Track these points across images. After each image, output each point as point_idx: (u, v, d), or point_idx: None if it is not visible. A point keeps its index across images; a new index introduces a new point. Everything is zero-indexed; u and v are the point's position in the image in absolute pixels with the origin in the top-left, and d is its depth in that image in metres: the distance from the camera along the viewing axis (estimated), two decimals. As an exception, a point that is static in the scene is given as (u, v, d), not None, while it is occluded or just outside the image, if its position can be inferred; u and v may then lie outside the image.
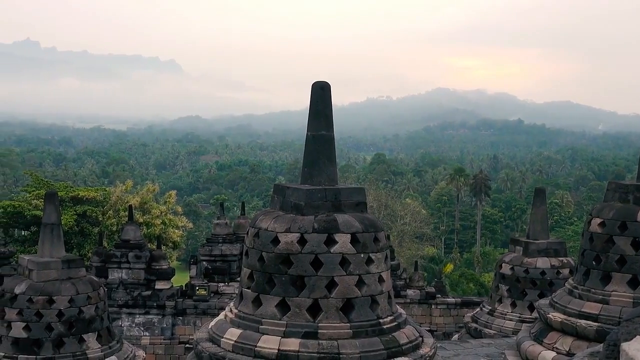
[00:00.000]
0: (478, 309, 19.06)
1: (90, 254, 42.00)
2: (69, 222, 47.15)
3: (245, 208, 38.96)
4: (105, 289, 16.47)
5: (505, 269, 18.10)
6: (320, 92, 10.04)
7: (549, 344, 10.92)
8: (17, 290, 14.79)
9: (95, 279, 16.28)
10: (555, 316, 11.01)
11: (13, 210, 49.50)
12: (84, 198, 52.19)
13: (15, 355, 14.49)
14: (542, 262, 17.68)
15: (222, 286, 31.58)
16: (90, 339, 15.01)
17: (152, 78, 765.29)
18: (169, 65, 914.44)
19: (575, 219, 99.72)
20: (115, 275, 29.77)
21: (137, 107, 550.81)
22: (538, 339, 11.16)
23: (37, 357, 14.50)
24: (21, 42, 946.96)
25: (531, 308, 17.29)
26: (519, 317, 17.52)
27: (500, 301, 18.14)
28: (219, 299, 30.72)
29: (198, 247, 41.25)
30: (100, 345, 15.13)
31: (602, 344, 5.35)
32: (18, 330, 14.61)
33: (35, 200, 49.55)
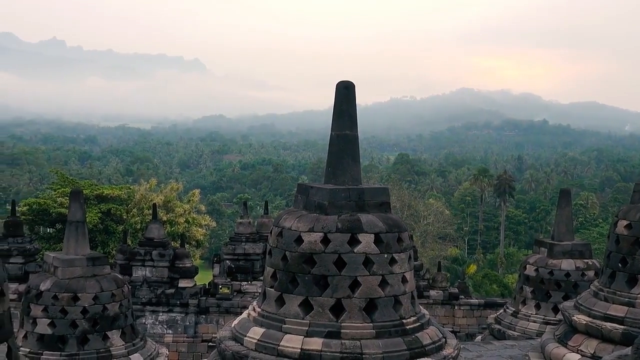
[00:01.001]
0: (501, 311, 18.94)
1: (114, 252, 42.33)
2: (93, 219, 47.53)
3: (269, 207, 38.98)
4: (129, 287, 16.56)
5: (530, 271, 17.97)
6: (345, 92, 10.02)
7: (573, 346, 10.83)
8: (42, 287, 14.91)
9: (120, 276, 16.36)
10: (580, 318, 10.92)
11: (39, 208, 49.98)
12: (109, 196, 52.58)
13: (40, 351, 14.60)
14: (567, 264, 17.54)
15: (245, 285, 31.65)
16: (114, 336, 15.09)
17: (176, 77, 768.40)
18: (193, 65, 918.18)
19: (601, 220, 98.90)
20: (139, 273, 29.94)
21: (161, 106, 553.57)
22: (562, 341, 11.08)
23: (62, 353, 14.59)
24: (47, 41, 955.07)
25: (555, 310, 17.15)
26: (543, 319, 17.38)
27: (524, 303, 18.01)
28: (241, 297, 30.80)
29: (221, 246, 41.41)
30: (124, 343, 15.21)
31: (629, 348, 5.29)
32: (43, 326, 14.72)
33: (60, 198, 49.99)
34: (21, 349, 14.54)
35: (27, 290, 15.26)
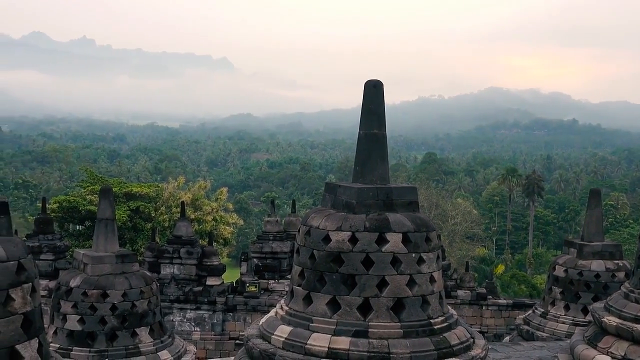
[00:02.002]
0: (530, 311, 18.80)
1: (142, 249, 42.60)
2: (122, 217, 47.83)
3: (296, 206, 39.01)
4: (158, 284, 16.65)
5: (559, 271, 17.82)
6: (373, 91, 10.00)
7: (603, 348, 10.71)
8: (72, 284, 15.03)
9: (148, 273, 16.44)
10: (611, 320, 10.80)
11: (68, 205, 50.38)
12: (137, 194, 52.87)
13: (70, 347, 14.72)
14: (597, 265, 17.37)
15: (272, 283, 31.72)
16: (143, 333, 15.19)
17: (204, 76, 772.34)
18: (222, 63, 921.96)
19: (631, 221, 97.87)
20: (167, 270, 30.11)
21: (189, 104, 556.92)
22: (592, 342, 10.96)
23: (91, 349, 14.70)
24: (77, 40, 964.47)
25: (585, 311, 17.00)
26: (573, 320, 17.24)
27: (553, 304, 17.87)
28: (269, 296, 30.86)
29: (248, 244, 41.54)
30: (152, 340, 15.30)
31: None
32: (73, 322, 14.85)
33: (89, 196, 50.39)
34: (51, 344, 14.67)
35: (57, 287, 15.41)
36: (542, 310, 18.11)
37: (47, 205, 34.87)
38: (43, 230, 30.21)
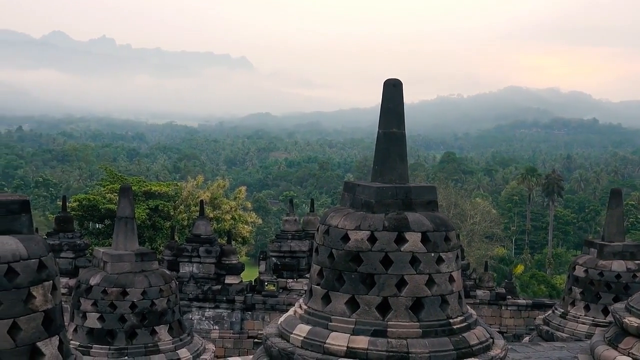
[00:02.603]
0: (550, 312, 18.69)
1: (161, 248, 42.80)
2: (141, 216, 48.04)
3: (314, 205, 39.04)
4: (177, 283, 16.71)
5: (579, 271, 17.70)
6: (392, 90, 9.98)
7: (624, 349, 10.62)
8: (92, 282, 15.12)
9: (167, 272, 16.50)
10: (632, 321, 10.71)
11: (88, 204, 50.65)
12: (156, 193, 53.08)
13: (90, 345, 14.81)
14: (618, 265, 17.24)
15: (291, 282, 31.74)
16: (162, 331, 15.25)
17: (223, 75, 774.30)
18: (240, 62, 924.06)
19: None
20: (186, 269, 30.22)
21: (208, 103, 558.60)
22: (613, 343, 10.88)
23: (111, 347, 14.78)
24: (97, 39, 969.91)
25: (605, 312, 16.87)
26: (593, 320, 17.11)
27: (573, 304, 17.76)
28: (287, 294, 30.88)
29: (267, 243, 41.58)
30: (171, 338, 15.35)
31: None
32: (93, 320, 14.93)
33: (109, 194, 50.63)
34: (71, 342, 14.76)
35: (77, 285, 15.50)
36: (562, 310, 17.99)
37: (67, 203, 35.07)
38: (63, 228, 30.42)
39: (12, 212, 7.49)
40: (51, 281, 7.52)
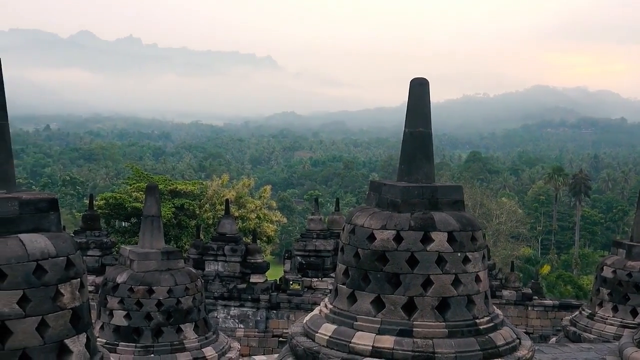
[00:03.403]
0: (577, 312, 18.53)
1: (187, 246, 42.99)
2: (167, 214, 48.25)
3: (339, 204, 39.01)
4: (202, 281, 16.76)
5: (607, 272, 17.53)
6: (419, 89, 9.94)
7: (653, 351, 10.52)
8: (118, 280, 15.21)
9: (193, 270, 16.58)
10: (661, 322, 10.61)
11: (114, 202, 50.97)
12: (182, 191, 53.31)
13: (116, 342, 14.91)
14: (646, 266, 17.04)
15: (316, 281, 31.75)
16: (188, 329, 15.31)
17: (249, 74, 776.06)
18: (266, 62, 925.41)
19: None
20: (211, 267, 30.34)
21: (234, 102, 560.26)
22: (642, 345, 10.77)
23: (137, 345, 14.86)
24: (124, 39, 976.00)
25: (634, 313, 16.71)
26: (621, 322, 16.94)
27: (600, 305, 17.59)
28: (312, 293, 30.90)
29: (292, 242, 41.65)
30: (197, 336, 15.41)
31: None
32: (119, 318, 15.03)
33: (135, 193, 50.91)
34: (98, 339, 14.87)
35: (104, 283, 15.61)
36: (590, 311, 17.84)
37: (94, 202, 35.34)
38: (90, 226, 30.70)
39: (41, 210, 7.57)
40: (79, 279, 7.58)
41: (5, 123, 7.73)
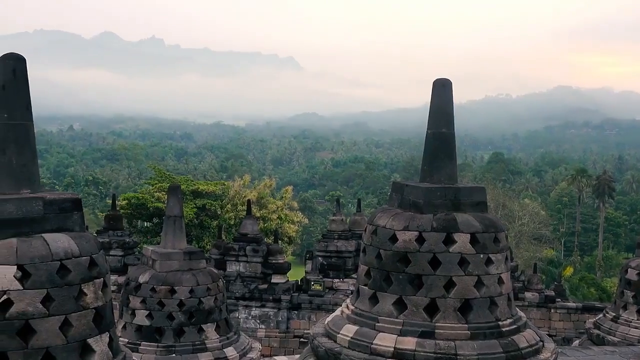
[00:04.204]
0: (601, 315, 18.38)
1: (208, 247, 43.13)
2: (189, 214, 48.44)
3: (361, 205, 38.96)
4: (224, 281, 16.80)
5: (631, 275, 17.37)
6: (442, 90, 9.91)
7: (678, 354, 10.41)
8: (141, 280, 15.28)
9: (215, 271, 16.61)
10: (686, 326, 10.49)
11: (137, 202, 51.26)
12: (204, 192, 53.49)
13: (139, 342, 14.97)
14: (671, 269, 16.87)
15: (337, 282, 31.73)
16: (209, 329, 15.35)
17: (271, 75, 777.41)
18: (288, 62, 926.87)
19: None
20: (233, 268, 30.40)
21: (255, 103, 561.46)
22: (667, 349, 10.66)
23: (159, 344, 14.92)
24: (147, 40, 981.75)
25: (658, 316, 16.55)
26: (645, 325, 16.78)
27: (625, 308, 17.43)
28: (333, 294, 30.89)
29: (313, 243, 41.66)
30: (218, 336, 15.44)
31: None
32: (141, 317, 15.10)
33: (157, 193, 51.18)
34: (120, 338, 14.94)
35: (126, 282, 15.69)
36: (614, 314, 17.68)
37: (116, 202, 35.54)
38: (113, 226, 30.88)
39: (64, 210, 7.61)
40: (102, 279, 7.62)
41: (30, 123, 7.79)
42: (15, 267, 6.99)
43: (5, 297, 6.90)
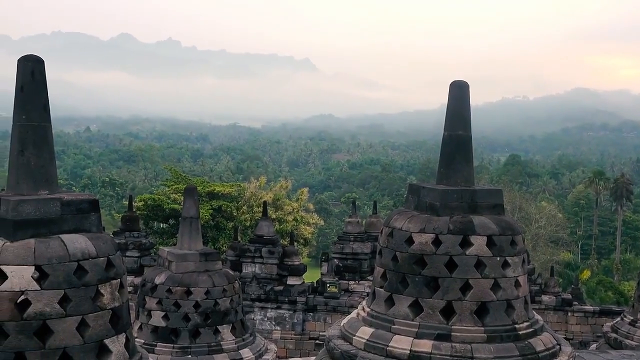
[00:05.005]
0: (618, 319, 18.27)
1: (224, 248, 43.22)
2: (205, 216, 48.54)
3: (377, 207, 38.92)
4: (240, 283, 16.83)
5: (649, 278, 17.26)
6: (459, 92, 9.89)
7: (697, 359, 10.32)
8: (157, 281, 15.33)
9: (231, 272, 16.64)
10: None
11: (153, 203, 51.45)
12: (220, 193, 53.59)
13: (155, 343, 15.02)
14: (690, 272, 16.73)
15: (353, 284, 31.71)
16: (225, 331, 15.37)
17: (287, 77, 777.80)
18: (304, 64, 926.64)
19: None
20: (248, 269, 30.45)
21: (271, 105, 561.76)
22: (685, 353, 10.57)
23: (175, 345, 14.96)
24: (164, 41, 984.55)
25: (677, 320, 16.41)
26: (664, 329, 16.66)
27: (642, 311, 17.32)
28: (349, 296, 30.88)
29: (329, 245, 41.66)
30: (234, 338, 15.46)
31: None
32: (157, 318, 15.15)
33: (173, 194, 51.35)
34: (136, 339, 14.98)
35: (142, 283, 15.75)
36: (632, 317, 17.57)
37: (133, 203, 35.68)
38: (129, 227, 31.02)
39: (82, 211, 7.65)
40: (119, 279, 7.65)
41: (48, 125, 7.83)
42: (33, 267, 7.04)
43: (23, 297, 6.95)
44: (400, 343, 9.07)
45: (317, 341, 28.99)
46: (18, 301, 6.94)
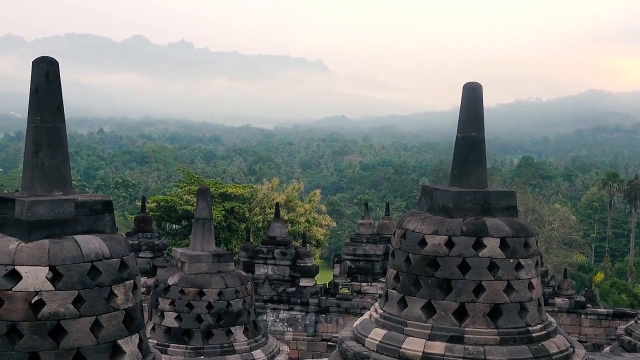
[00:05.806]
0: (632, 322, 18.16)
1: (236, 249, 43.31)
2: (217, 217, 48.66)
3: (389, 209, 38.86)
4: (252, 284, 16.85)
5: (663, 281, 17.16)
6: (472, 93, 9.86)
7: None
8: (170, 282, 15.37)
9: (243, 273, 16.65)
10: None
11: (166, 205, 51.63)
12: (232, 195, 53.73)
13: (167, 344, 15.06)
14: None
15: (365, 286, 31.69)
16: (238, 332, 15.39)
17: (299, 78, 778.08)
18: (316, 66, 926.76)
19: None
20: (261, 270, 30.50)
21: (284, 106, 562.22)
22: (700, 356, 10.51)
23: (187, 346, 14.99)
24: (176, 43, 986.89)
25: (691, 323, 16.30)
26: (678, 332, 16.55)
27: (656, 314, 17.20)
28: (361, 298, 30.86)
29: (341, 246, 41.64)
30: (246, 339, 15.48)
31: None
32: (170, 319, 15.18)
33: (186, 196, 51.50)
34: (149, 340, 15.03)
35: (155, 284, 15.79)
36: (645, 320, 17.46)
37: (145, 204, 35.80)
38: (142, 228, 31.11)
39: (96, 212, 7.68)
40: (132, 280, 7.68)
41: (62, 126, 7.86)
42: (47, 268, 7.07)
43: (37, 297, 6.98)
44: (413, 345, 9.05)
45: (330, 343, 29.01)
46: (32, 301, 6.97)
